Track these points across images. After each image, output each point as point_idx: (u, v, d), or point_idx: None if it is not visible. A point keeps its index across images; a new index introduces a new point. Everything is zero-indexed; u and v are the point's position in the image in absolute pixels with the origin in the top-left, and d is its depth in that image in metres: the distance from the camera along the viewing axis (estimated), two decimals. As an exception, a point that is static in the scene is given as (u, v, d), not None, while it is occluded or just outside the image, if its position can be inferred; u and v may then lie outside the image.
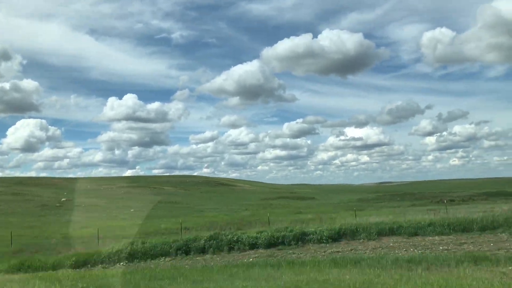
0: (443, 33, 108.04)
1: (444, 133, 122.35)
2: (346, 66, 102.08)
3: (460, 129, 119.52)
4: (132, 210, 44.45)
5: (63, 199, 59.55)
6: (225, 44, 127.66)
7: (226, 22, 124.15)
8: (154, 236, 20.94)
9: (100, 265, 15.05)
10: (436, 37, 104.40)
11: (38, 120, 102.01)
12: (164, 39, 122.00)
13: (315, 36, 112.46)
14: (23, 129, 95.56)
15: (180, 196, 79.08)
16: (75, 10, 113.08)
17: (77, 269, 14.16)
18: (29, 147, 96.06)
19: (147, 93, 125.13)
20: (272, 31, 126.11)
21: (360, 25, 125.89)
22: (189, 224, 26.63)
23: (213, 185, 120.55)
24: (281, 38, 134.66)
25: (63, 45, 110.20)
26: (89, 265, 15.11)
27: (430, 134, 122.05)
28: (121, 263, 15.20)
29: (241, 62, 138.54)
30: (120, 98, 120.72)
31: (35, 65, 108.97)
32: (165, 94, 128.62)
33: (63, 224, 31.47)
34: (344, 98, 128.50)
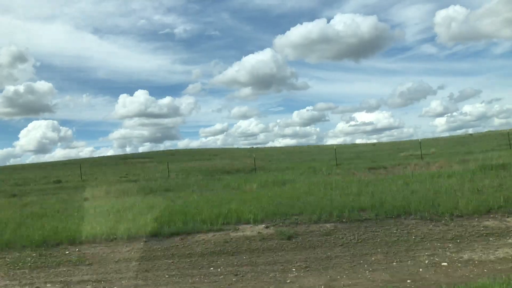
0: (457, 10, 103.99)
1: (455, 113, 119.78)
2: (360, 50, 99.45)
3: (471, 108, 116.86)
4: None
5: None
6: (229, 36, 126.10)
7: (229, 13, 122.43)
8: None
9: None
10: (450, 15, 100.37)
11: (50, 121, 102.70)
12: (168, 34, 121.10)
13: (325, 21, 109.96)
14: (35, 131, 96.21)
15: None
16: (79, 10, 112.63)
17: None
18: (42, 148, 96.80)
19: (153, 88, 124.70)
20: (276, 20, 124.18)
21: (364, 8, 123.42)
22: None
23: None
24: (286, 26, 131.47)
25: (67, 45, 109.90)
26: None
27: (440, 115, 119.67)
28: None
29: (246, 53, 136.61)
30: (129, 95, 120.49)
31: (41, 67, 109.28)
32: (170, 89, 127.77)
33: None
34: (357, 83, 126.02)
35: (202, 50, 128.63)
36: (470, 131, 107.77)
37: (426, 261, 6.17)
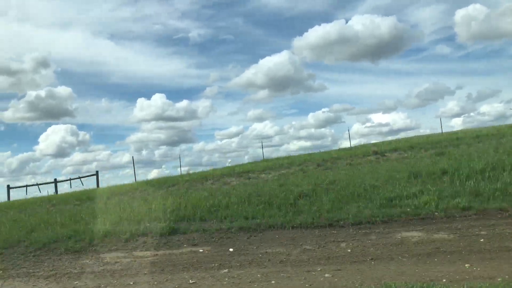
0: (477, 9, 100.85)
1: (472, 113, 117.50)
2: (377, 51, 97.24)
3: (489, 108, 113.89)
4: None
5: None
6: (244, 39, 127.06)
7: (243, 17, 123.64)
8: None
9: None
10: (470, 14, 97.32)
11: (69, 125, 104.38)
12: (182, 39, 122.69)
13: (343, 22, 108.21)
14: (55, 135, 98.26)
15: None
16: (95, 17, 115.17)
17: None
18: (61, 152, 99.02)
19: (170, 92, 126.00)
20: (290, 22, 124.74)
21: (378, 9, 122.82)
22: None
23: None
24: (303, 28, 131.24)
25: (84, 51, 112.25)
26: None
27: (458, 115, 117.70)
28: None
29: (263, 56, 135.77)
30: (146, 99, 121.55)
31: (61, 73, 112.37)
32: (187, 93, 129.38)
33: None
34: (374, 84, 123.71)
35: (218, 54, 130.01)
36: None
37: None
